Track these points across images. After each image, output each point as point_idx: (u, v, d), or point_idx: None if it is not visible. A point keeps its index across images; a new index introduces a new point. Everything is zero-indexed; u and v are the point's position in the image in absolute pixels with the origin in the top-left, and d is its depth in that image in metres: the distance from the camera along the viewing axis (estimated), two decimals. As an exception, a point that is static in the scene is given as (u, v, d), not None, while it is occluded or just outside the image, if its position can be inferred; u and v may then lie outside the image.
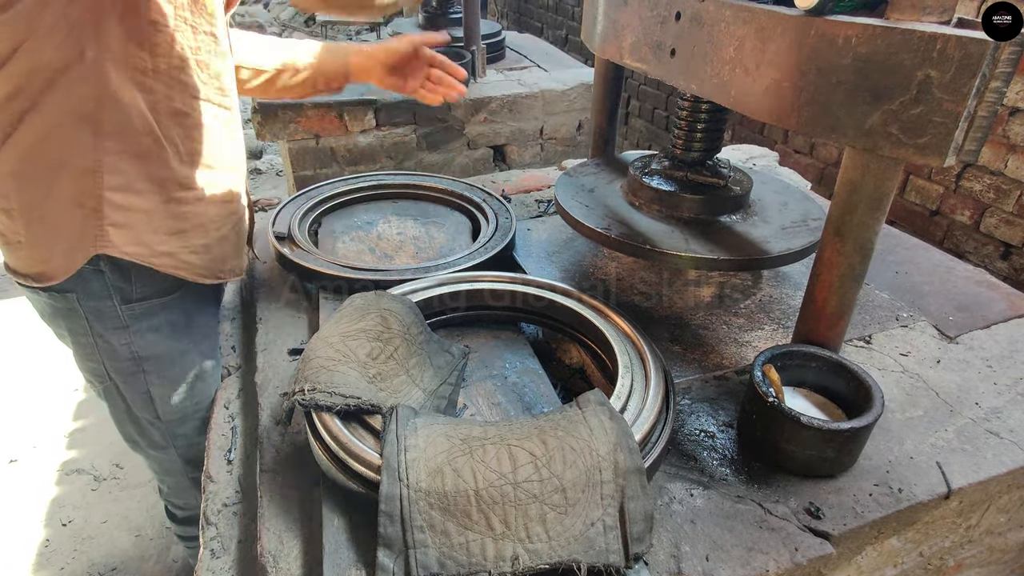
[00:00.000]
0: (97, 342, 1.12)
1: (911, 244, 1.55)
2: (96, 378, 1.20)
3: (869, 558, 0.94)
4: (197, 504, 1.45)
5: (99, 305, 1.08)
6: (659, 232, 1.22)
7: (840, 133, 0.88)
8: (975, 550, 1.12)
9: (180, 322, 1.17)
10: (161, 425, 1.25)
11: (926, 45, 0.76)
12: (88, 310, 1.08)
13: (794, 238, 1.20)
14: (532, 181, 1.89)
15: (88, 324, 1.10)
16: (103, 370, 1.17)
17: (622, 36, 1.28)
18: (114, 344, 1.12)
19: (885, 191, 0.89)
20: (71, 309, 1.08)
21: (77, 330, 1.11)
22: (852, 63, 0.83)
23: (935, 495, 0.91)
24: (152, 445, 1.30)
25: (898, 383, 1.11)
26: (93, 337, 1.11)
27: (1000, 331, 1.25)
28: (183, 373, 1.20)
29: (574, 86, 2.97)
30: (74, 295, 1.06)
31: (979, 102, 0.76)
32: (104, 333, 1.11)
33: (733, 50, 1.00)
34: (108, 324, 1.10)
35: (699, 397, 1.08)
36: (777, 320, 1.26)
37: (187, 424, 1.27)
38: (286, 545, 0.86)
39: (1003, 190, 2.24)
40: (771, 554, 0.82)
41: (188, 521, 1.54)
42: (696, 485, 0.92)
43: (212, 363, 1.26)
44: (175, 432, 1.27)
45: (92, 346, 1.13)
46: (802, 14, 0.88)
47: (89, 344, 1.13)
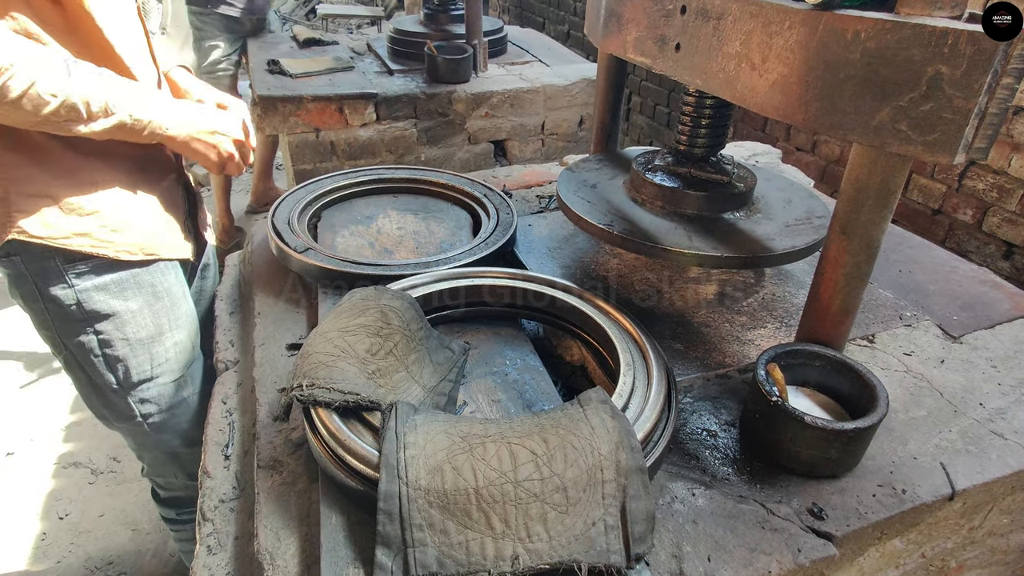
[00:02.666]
0: (48, 306, 1.13)
1: (915, 243, 1.54)
2: (54, 348, 1.21)
3: (871, 559, 0.93)
4: (178, 483, 1.49)
5: (44, 265, 1.09)
6: (662, 229, 1.21)
7: (848, 129, 0.86)
8: (977, 551, 1.11)
9: (128, 281, 1.17)
10: (123, 392, 1.25)
11: (937, 40, 0.75)
12: (33, 272, 1.10)
13: (798, 236, 1.19)
14: (533, 177, 1.88)
15: (36, 287, 1.11)
16: (57, 337, 1.18)
17: (626, 30, 1.26)
18: (63, 304, 1.13)
19: (892, 188, 0.88)
20: (19, 274, 1.10)
21: (27, 295, 1.13)
22: (861, 58, 0.82)
23: (939, 496, 0.90)
24: (119, 416, 1.29)
25: (901, 383, 1.10)
26: (43, 302, 1.13)
27: (1004, 331, 1.24)
28: (136, 333, 1.21)
29: (576, 81, 2.95)
30: (19, 258, 1.08)
31: (990, 98, 0.75)
32: (51, 294, 1.12)
33: (739, 44, 0.99)
34: (54, 283, 1.11)
35: (701, 396, 1.07)
36: (780, 319, 1.25)
37: (151, 390, 1.27)
38: (283, 542, 0.85)
39: (1006, 189, 2.23)
40: (773, 555, 0.81)
41: (171, 503, 1.52)
42: (698, 484, 0.91)
43: (177, 331, 1.27)
44: (141, 398, 1.27)
45: (43, 312, 1.14)
46: (810, 8, 0.86)
47: (40, 310, 1.14)
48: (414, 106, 2.72)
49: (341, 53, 3.10)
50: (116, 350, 1.20)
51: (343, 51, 3.16)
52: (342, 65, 2.87)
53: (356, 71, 2.88)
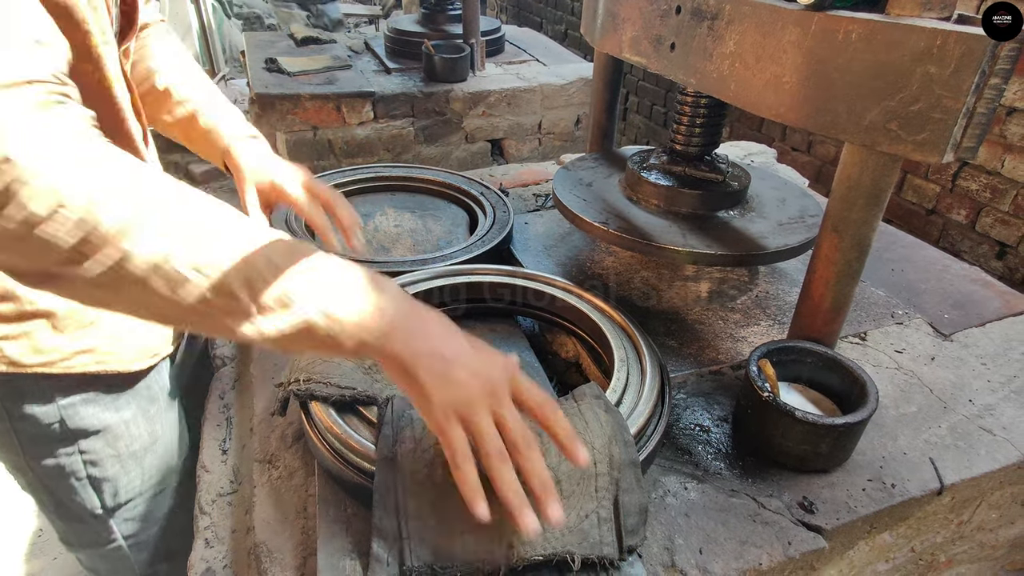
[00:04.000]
0: (16, 426, 0.90)
1: (908, 242, 1.55)
2: (17, 472, 0.99)
3: (861, 553, 0.94)
4: None
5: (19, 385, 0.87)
6: (657, 227, 1.22)
7: (839, 129, 0.87)
8: (966, 546, 1.13)
9: (122, 388, 0.97)
10: (105, 516, 1.04)
11: (927, 41, 0.76)
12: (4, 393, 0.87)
13: (791, 234, 1.20)
14: (530, 175, 1.89)
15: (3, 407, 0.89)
16: (23, 461, 0.95)
17: (622, 30, 1.27)
18: (39, 423, 0.91)
19: (883, 187, 0.89)
20: None
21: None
22: (852, 58, 0.83)
23: (928, 491, 0.91)
24: (91, 542, 1.07)
25: (892, 380, 1.11)
26: (11, 421, 0.89)
27: (995, 329, 1.25)
28: (130, 446, 1.01)
29: (573, 80, 2.96)
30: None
31: (978, 99, 0.76)
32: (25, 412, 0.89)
33: (733, 44, 1.00)
34: (31, 400, 0.89)
35: (694, 392, 1.08)
36: (773, 316, 1.26)
37: (137, 508, 1.07)
38: (280, 535, 0.86)
39: (999, 190, 2.25)
40: (764, 547, 0.82)
41: None
42: (690, 479, 0.92)
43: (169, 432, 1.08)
44: (124, 518, 1.07)
45: (8, 432, 0.91)
46: (803, 8, 0.88)
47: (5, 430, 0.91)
48: (411, 105, 2.72)
49: (339, 52, 3.10)
50: (105, 470, 0.99)
51: (341, 50, 3.16)
52: (340, 64, 2.88)
53: (354, 70, 2.89)
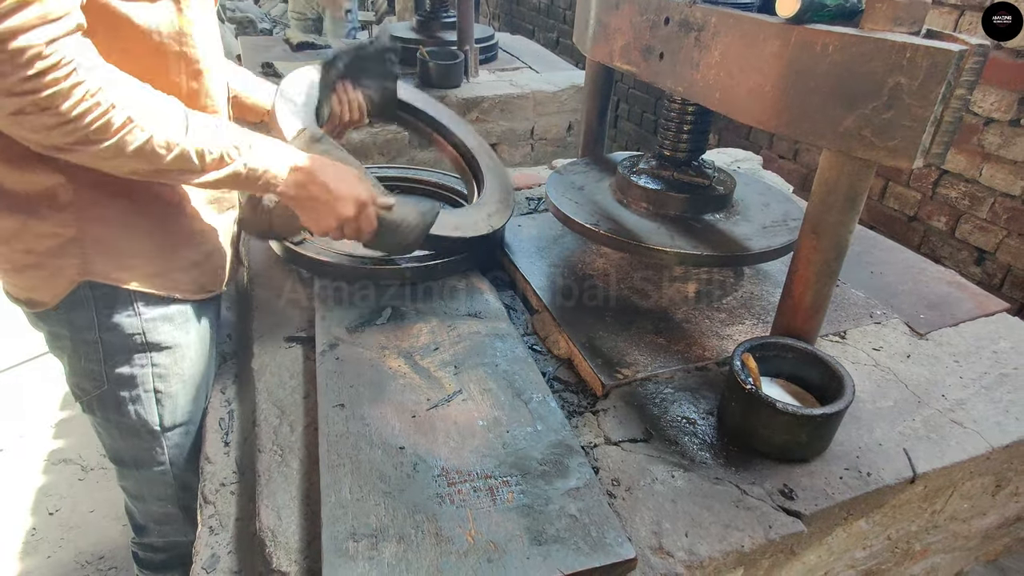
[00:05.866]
0: (104, 336, 1.03)
1: (886, 246, 1.61)
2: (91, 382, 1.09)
3: (839, 539, 0.99)
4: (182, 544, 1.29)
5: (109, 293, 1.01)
6: (646, 229, 1.27)
7: (817, 135, 0.93)
8: (940, 536, 1.18)
9: (190, 313, 1.11)
10: (160, 434, 1.15)
11: (897, 54, 0.82)
12: (97, 299, 1.01)
13: (774, 236, 1.25)
14: (523, 179, 1.94)
15: (95, 315, 1.02)
16: (102, 371, 1.06)
17: (613, 40, 1.32)
18: (124, 332, 1.04)
19: (859, 191, 0.95)
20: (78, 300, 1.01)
21: (81, 324, 1.02)
22: (829, 69, 0.89)
23: (901, 479, 0.96)
24: (144, 462, 1.18)
25: (870, 376, 1.16)
26: (99, 331, 1.03)
27: (967, 328, 1.31)
28: (189, 369, 1.14)
29: (565, 87, 3.02)
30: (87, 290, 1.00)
31: (945, 108, 0.81)
32: (113, 323, 1.03)
33: (719, 55, 1.05)
34: (120, 310, 1.02)
35: (682, 387, 1.13)
36: (757, 315, 1.31)
37: (188, 435, 1.19)
38: (284, 520, 0.89)
39: (978, 197, 2.32)
40: (746, 531, 0.87)
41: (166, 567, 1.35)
42: (677, 468, 0.96)
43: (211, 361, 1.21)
44: (174, 443, 1.17)
45: (95, 343, 1.04)
46: (783, 22, 0.93)
47: (93, 340, 1.04)
48: (406, 110, 2.76)
49: (334, 57, 3.14)
50: (169, 385, 1.11)
51: (336, 55, 3.20)
52: (335, 69, 2.92)
53: (349, 75, 2.93)
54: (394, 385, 1.06)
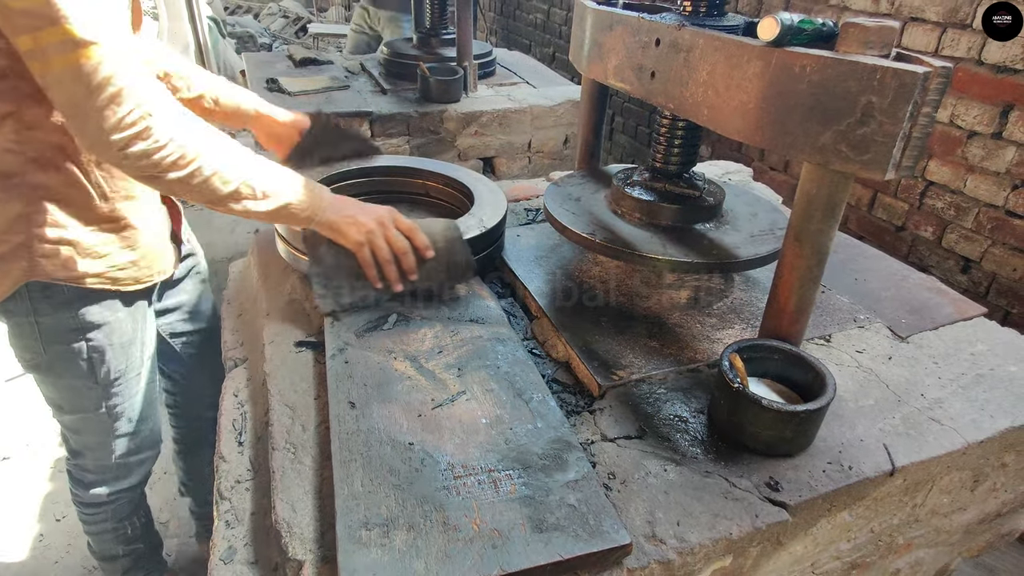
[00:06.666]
0: (39, 320, 1.21)
1: (870, 254, 1.68)
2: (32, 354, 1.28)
3: (823, 530, 1.04)
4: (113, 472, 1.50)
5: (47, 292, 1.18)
6: (639, 238, 1.33)
7: (797, 149, 0.99)
8: (923, 530, 1.23)
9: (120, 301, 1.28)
10: (97, 388, 1.34)
11: (868, 75, 0.88)
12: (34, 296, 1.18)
13: (762, 244, 1.32)
14: (521, 191, 2.00)
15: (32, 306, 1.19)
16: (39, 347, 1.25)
17: (607, 59, 1.40)
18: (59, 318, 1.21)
19: (837, 201, 1.01)
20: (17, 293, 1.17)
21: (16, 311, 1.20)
22: (807, 88, 0.95)
23: (881, 472, 1.02)
24: (82, 408, 1.37)
25: (853, 376, 1.22)
26: (35, 316, 1.20)
27: (946, 332, 1.37)
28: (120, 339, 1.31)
29: (561, 102, 3.10)
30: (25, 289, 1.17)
31: (913, 124, 0.88)
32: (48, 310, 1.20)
33: (706, 74, 1.12)
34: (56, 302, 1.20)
35: (674, 387, 1.18)
36: (747, 320, 1.37)
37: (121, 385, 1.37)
38: (299, 513, 0.94)
39: (963, 208, 2.39)
40: (734, 520, 0.92)
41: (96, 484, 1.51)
42: (669, 462, 1.02)
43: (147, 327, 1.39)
44: (111, 392, 1.37)
45: (32, 325, 1.22)
46: (764, 45, 1.00)
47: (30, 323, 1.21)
48: (407, 124, 2.84)
49: (336, 73, 3.22)
50: (103, 354, 1.30)
51: (338, 71, 3.28)
52: (338, 84, 3.00)
53: (351, 90, 3.00)
54: (401, 386, 1.11)
